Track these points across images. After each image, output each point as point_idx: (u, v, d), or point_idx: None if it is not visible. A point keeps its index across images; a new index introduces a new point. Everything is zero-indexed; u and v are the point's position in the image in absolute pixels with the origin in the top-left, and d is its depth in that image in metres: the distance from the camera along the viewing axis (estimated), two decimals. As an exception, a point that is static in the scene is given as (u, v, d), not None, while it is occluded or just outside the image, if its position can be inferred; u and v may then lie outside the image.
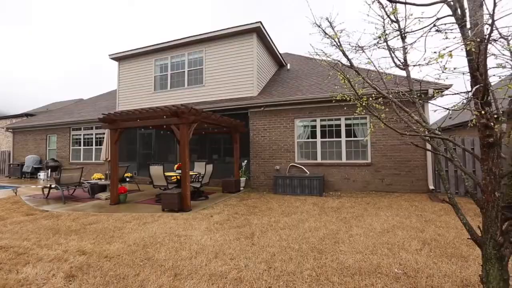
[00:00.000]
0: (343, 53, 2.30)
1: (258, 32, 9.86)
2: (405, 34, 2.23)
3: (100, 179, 8.19)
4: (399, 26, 2.23)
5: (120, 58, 12.32)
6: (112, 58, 12.41)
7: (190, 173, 6.63)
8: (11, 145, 16.32)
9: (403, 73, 2.46)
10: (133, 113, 6.36)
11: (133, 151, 11.87)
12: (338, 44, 2.32)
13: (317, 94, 8.48)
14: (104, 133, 11.55)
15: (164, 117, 6.09)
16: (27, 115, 23.26)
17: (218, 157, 10.22)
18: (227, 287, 2.58)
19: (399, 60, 2.34)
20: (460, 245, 3.52)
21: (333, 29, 2.37)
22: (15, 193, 8.41)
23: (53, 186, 7.41)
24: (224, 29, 9.95)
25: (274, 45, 11.08)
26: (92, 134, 13.09)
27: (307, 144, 8.82)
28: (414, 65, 2.15)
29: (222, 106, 9.39)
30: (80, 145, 13.47)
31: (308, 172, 8.43)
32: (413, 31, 2.08)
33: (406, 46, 2.28)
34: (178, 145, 10.09)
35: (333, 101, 6.05)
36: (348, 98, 2.84)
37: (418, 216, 5.05)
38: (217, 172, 8.71)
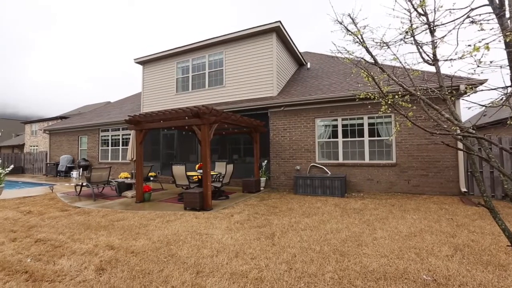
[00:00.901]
0: (366, 49, 2.23)
1: (277, 31, 9.82)
2: (434, 28, 2.11)
3: (126, 178, 8.57)
4: (427, 19, 2.12)
5: (144, 62, 12.82)
6: (137, 62, 12.95)
7: (211, 173, 6.75)
8: (48, 146, 17.57)
9: (432, 69, 2.33)
10: (157, 115, 6.59)
11: (156, 151, 12.30)
12: (361, 40, 2.24)
13: (338, 93, 8.28)
14: (129, 134, 12.10)
15: (186, 118, 6.24)
16: (61, 117, 24.92)
17: (238, 157, 10.31)
18: (248, 286, 2.59)
19: (427, 55, 2.22)
20: (498, 252, 3.27)
21: (355, 25, 2.31)
22: (51, 190, 9.05)
23: (84, 184, 7.87)
24: (243, 30, 10.02)
25: (293, 44, 10.98)
26: (119, 135, 13.75)
27: (328, 144, 8.64)
28: (444, 60, 2.02)
29: (242, 107, 9.46)
30: (108, 146, 14.19)
31: (330, 173, 8.26)
32: (443, 24, 1.96)
33: (435, 40, 2.15)
34: (199, 145, 10.32)
35: (357, 100, 5.88)
36: (372, 96, 2.73)
37: (448, 220, 4.77)
38: (237, 172, 8.79)
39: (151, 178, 9.19)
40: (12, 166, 8.47)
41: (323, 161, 8.63)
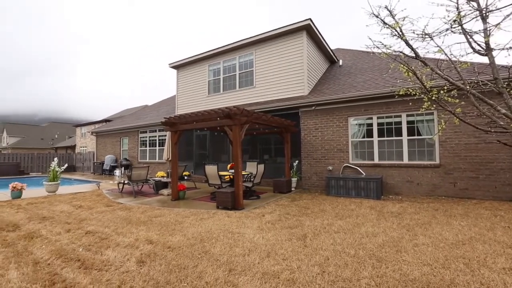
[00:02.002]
0: (406, 42, 2.08)
1: (307, 29, 9.64)
2: (487, 14, 1.89)
3: (163, 177, 9.05)
4: (478, 5, 1.91)
5: (178, 66, 13.43)
6: (172, 67, 13.61)
7: (242, 173, 6.84)
8: (95, 147, 19.26)
9: (483, 60, 2.10)
10: (190, 116, 6.86)
11: (190, 151, 12.81)
12: (400, 33, 2.10)
13: (373, 90, 7.88)
14: (165, 135, 12.76)
15: (218, 119, 6.41)
16: (106, 120, 27.15)
17: (269, 157, 10.31)
18: (280, 287, 2.57)
19: (478, 45, 2.00)
20: None
21: (393, 17, 2.16)
22: (98, 187, 9.89)
23: (125, 182, 8.48)
24: (273, 30, 10.01)
25: (324, 41, 10.69)
26: (155, 136, 14.57)
27: (362, 144, 8.26)
28: (500, 49, 1.81)
29: (273, 107, 9.44)
30: (146, 146, 15.12)
31: (364, 174, 7.89)
32: (498, 9, 1.75)
33: (488, 28, 1.93)
34: (230, 146, 10.52)
35: (396, 96, 5.50)
36: (413, 93, 2.54)
37: (505, 228, 4.27)
38: (268, 172, 8.79)
39: (185, 177, 9.59)
40: (66, 165, 9.44)
41: (357, 161, 8.27)
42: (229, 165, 8.22)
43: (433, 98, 2.24)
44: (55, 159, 9.03)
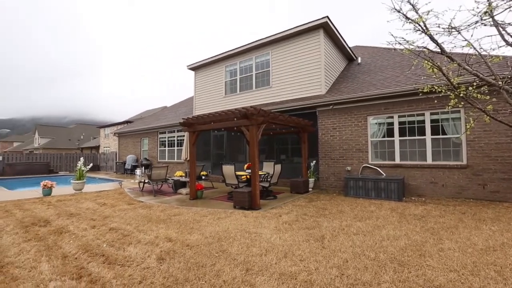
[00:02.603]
0: (430, 37, 1.98)
1: (325, 27, 9.49)
2: (521, 4, 1.76)
3: (181, 176, 9.25)
4: (511, -6, 1.79)
5: (196, 68, 13.68)
6: (190, 69, 13.89)
7: (259, 173, 6.84)
8: (117, 147, 20.05)
9: (517, 53, 1.96)
10: (207, 117, 6.96)
11: (207, 151, 13.01)
12: (424, 28, 2.01)
13: (394, 88, 7.61)
14: (183, 136, 13.03)
15: (235, 119, 6.45)
16: (127, 122, 28.19)
17: (285, 157, 10.25)
18: (298, 288, 2.54)
19: (511, 37, 1.87)
20: None
21: (416, 12, 2.07)
22: (120, 186, 10.29)
23: (146, 181, 8.76)
24: (289, 29, 9.94)
25: (342, 39, 10.47)
26: (174, 137, 14.94)
27: (382, 143, 8.00)
28: (536, 41, 1.68)
29: (290, 106, 9.37)
30: (165, 147, 15.53)
31: (384, 174, 7.63)
32: (534, -2, 1.63)
33: (522, 19, 1.80)
34: (247, 146, 10.56)
35: (420, 94, 5.26)
36: (438, 90, 2.41)
37: (540, 233, 3.96)
38: (285, 172, 8.74)
39: (203, 177, 9.74)
40: (91, 165, 9.90)
41: (376, 161, 8.03)
42: (246, 165, 8.26)
43: (461, 95, 2.12)
44: (81, 159, 9.50)
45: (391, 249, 3.45)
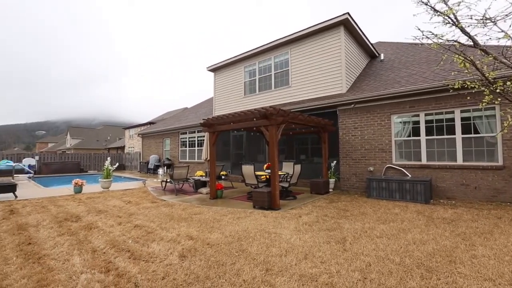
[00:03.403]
0: (461, 30, 1.86)
1: (345, 24, 9.25)
2: None
3: (201, 176, 9.44)
4: (554, -20, 1.63)
5: (215, 69, 13.90)
6: (209, 70, 14.14)
7: (279, 173, 6.81)
8: (141, 147, 20.86)
9: (562, 44, 1.79)
10: (227, 117, 7.04)
11: (227, 151, 13.16)
12: (454, 20, 1.89)
13: (420, 84, 7.25)
14: (204, 136, 13.29)
15: (254, 119, 6.47)
16: (150, 123, 29.26)
17: (305, 157, 10.13)
18: (319, 291, 2.50)
19: (555, 27, 1.71)
20: None
21: (445, 3, 1.95)
22: (144, 184, 10.69)
23: (168, 180, 9.03)
24: (308, 28, 9.80)
25: (364, 35, 10.15)
26: (194, 137, 15.27)
27: (407, 143, 7.66)
28: None
29: (309, 106, 9.24)
30: (186, 147, 15.92)
31: (410, 175, 7.30)
32: None
33: None
34: (267, 146, 10.56)
35: (451, 90, 4.95)
36: (470, 85, 2.26)
37: None
38: (305, 173, 8.63)
39: (223, 177, 9.87)
40: (117, 164, 10.39)
41: (401, 162, 7.69)
42: (265, 165, 8.26)
43: (497, 90, 1.97)
44: (108, 158, 9.99)
45: (417, 253, 3.30)
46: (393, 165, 7.71)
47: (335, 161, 8.82)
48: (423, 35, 2.05)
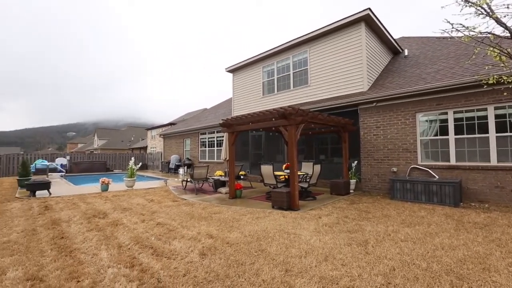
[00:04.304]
0: (497, 21, 1.73)
1: (366, 20, 8.97)
2: None
3: (221, 175, 9.56)
4: None
5: (234, 70, 14.02)
6: (228, 71, 14.29)
7: (298, 173, 6.74)
8: (162, 147, 21.53)
9: None
10: (246, 117, 7.08)
11: (246, 151, 13.24)
12: (488, 11, 1.76)
13: (448, 80, 6.86)
14: (223, 136, 13.46)
15: (273, 119, 6.45)
16: (171, 124, 30.11)
17: (325, 157, 9.95)
18: (340, 294, 2.44)
19: None
20: None
21: (478, -7, 1.83)
22: (166, 184, 11.02)
23: (188, 180, 9.24)
24: (328, 25, 9.61)
25: (386, 30, 9.79)
26: (214, 137, 15.51)
27: (434, 143, 7.28)
28: None
29: (329, 105, 9.06)
30: (205, 147, 16.21)
31: (437, 176, 6.94)
32: None
33: None
34: (285, 146, 10.50)
35: (485, 86, 4.64)
36: (508, 80, 2.10)
37: None
38: (324, 173, 8.48)
39: (242, 177, 9.94)
40: (140, 164, 10.80)
41: (427, 162, 7.33)
42: (284, 165, 8.21)
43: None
44: (132, 158, 10.40)
45: (446, 259, 3.12)
46: (419, 165, 7.36)
47: (356, 161, 8.57)
48: (452, 27, 1.93)
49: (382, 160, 8.11)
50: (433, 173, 7.06)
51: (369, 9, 8.64)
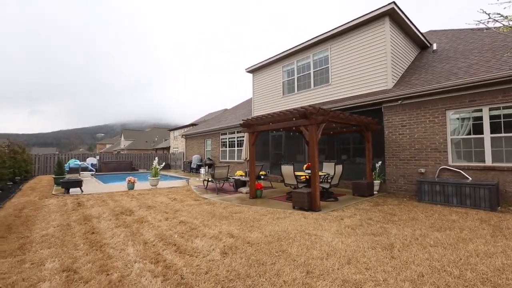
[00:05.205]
0: (539, 9, 1.59)
1: (391, 15, 8.61)
2: None
3: (241, 175, 9.64)
4: None
5: (253, 70, 14.07)
6: (248, 71, 14.37)
7: (319, 174, 6.62)
8: (184, 148, 22.11)
9: None
10: (266, 117, 7.07)
11: (266, 151, 13.23)
12: (529, -2, 1.62)
13: (482, 75, 6.40)
14: (243, 137, 13.56)
15: (293, 119, 6.39)
16: (192, 124, 30.84)
17: (347, 157, 9.69)
18: (364, 298, 2.37)
19: None
20: None
21: (517, -20, 1.68)
22: (187, 183, 11.31)
23: (209, 179, 9.41)
24: (349, 22, 9.35)
25: (412, 24, 9.33)
26: (234, 138, 15.66)
27: (466, 142, 6.82)
28: None
29: (351, 104, 8.81)
30: (226, 147, 16.42)
31: (470, 178, 6.49)
32: None
33: None
34: (306, 146, 10.37)
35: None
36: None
37: None
38: (346, 173, 8.26)
39: (262, 177, 9.95)
40: (163, 164, 11.17)
41: (459, 163, 6.88)
42: (305, 165, 8.11)
43: None
44: (156, 158, 10.79)
45: (482, 267, 2.91)
46: (449, 166, 6.94)
47: (380, 162, 8.26)
48: (489, 17, 1.80)
49: (408, 161, 7.74)
50: (466, 175, 6.62)
51: (394, 2, 8.28)
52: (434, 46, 10.35)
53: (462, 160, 6.89)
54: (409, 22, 9.11)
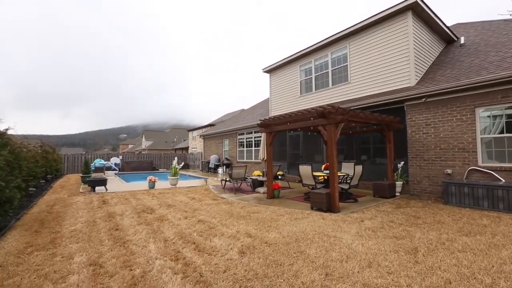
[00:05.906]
0: None
1: (413, 8, 8.25)
2: None
3: (259, 175, 9.65)
4: None
5: (270, 70, 14.04)
6: (265, 72, 14.36)
7: (338, 174, 6.49)
8: (202, 148, 22.50)
9: None
10: (284, 117, 7.03)
11: (283, 151, 13.16)
12: None
13: (517, 69, 5.97)
14: (260, 137, 13.57)
15: (311, 118, 6.31)
16: (210, 125, 31.32)
17: (367, 157, 9.41)
18: (386, 304, 2.28)
19: None
20: None
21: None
22: (206, 183, 11.50)
23: (227, 179, 9.50)
24: (369, 18, 9.07)
25: (438, 18, 8.90)
26: (251, 138, 15.72)
27: (499, 141, 6.40)
28: None
29: (371, 102, 8.54)
30: (243, 147, 16.51)
31: (503, 180, 6.08)
32: None
33: None
34: (324, 146, 10.19)
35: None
36: None
37: None
38: (367, 174, 8.01)
39: (279, 177, 9.91)
40: (183, 163, 11.44)
41: (490, 163, 6.47)
42: (323, 166, 7.97)
43: None
44: (175, 158, 11.08)
45: (516, 275, 2.72)
46: (479, 167, 6.54)
47: (402, 162, 7.94)
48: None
49: (433, 161, 7.38)
50: (499, 176, 6.21)
51: (417, -4, 7.93)
52: (462, 40, 9.80)
53: (494, 160, 6.47)
54: (433, 15, 8.69)
